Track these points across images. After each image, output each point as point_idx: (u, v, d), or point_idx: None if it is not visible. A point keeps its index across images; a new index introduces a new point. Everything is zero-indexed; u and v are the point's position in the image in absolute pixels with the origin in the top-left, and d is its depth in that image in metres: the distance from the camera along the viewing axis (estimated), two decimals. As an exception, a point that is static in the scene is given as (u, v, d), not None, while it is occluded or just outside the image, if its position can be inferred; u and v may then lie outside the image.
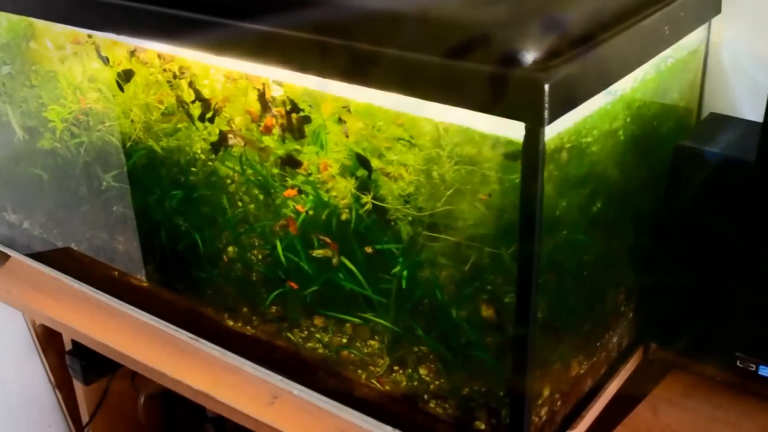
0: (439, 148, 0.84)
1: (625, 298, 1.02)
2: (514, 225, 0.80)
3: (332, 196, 0.93)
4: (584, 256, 0.90)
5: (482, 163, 0.81)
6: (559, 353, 0.90)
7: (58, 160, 1.21)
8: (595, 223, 0.90)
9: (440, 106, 0.76)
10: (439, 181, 0.85)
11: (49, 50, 1.13)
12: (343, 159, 0.91)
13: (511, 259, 0.82)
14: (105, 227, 1.21)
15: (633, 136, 0.92)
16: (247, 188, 1.02)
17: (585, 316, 0.95)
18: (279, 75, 0.90)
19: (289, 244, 1.00)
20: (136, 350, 1.13)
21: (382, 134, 0.87)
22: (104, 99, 1.11)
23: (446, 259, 0.87)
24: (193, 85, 0.99)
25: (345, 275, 0.97)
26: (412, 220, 0.88)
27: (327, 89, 0.89)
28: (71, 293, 1.25)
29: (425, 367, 0.95)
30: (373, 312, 0.97)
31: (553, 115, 0.71)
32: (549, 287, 0.84)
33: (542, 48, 0.74)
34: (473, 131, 0.80)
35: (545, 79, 0.69)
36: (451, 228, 0.86)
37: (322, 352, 1.02)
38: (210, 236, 1.08)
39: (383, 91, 0.81)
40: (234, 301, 1.10)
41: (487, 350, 0.89)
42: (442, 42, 0.75)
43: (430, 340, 0.93)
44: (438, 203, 0.86)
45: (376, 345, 0.99)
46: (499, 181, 0.81)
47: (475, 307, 0.87)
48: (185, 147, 1.06)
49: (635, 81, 0.89)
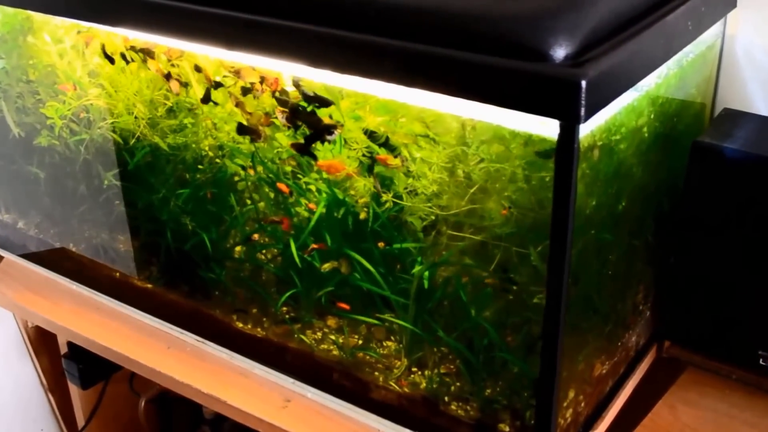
0: (465, 146, 0.82)
1: (643, 296, 1.01)
2: (543, 224, 0.78)
3: (349, 195, 0.91)
4: (610, 255, 0.89)
5: (511, 160, 0.79)
6: (585, 354, 0.89)
7: (55, 157, 1.17)
8: (620, 221, 0.89)
9: (464, 102, 0.74)
10: (464, 179, 0.83)
11: (48, 44, 1.10)
12: (360, 156, 0.89)
13: (540, 259, 0.80)
14: (106, 227, 1.17)
15: (655, 133, 0.90)
16: (258, 186, 0.99)
17: (609, 315, 0.93)
18: (295, 71, 0.88)
19: (302, 244, 0.98)
20: (140, 353, 1.10)
21: (402, 131, 0.84)
22: (106, 95, 1.07)
23: (471, 258, 0.85)
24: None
25: (362, 275, 0.94)
26: (436, 218, 0.86)
27: (346, 85, 0.86)
28: (69, 295, 1.22)
29: (446, 368, 0.93)
30: (390, 312, 0.95)
31: (589, 113, 0.69)
32: (577, 287, 0.82)
33: (575, 42, 0.72)
34: (503, 128, 0.78)
35: (582, 76, 0.67)
36: (476, 227, 0.84)
37: (337, 354, 1.00)
38: (218, 235, 1.06)
39: (407, 87, 0.79)
40: (243, 303, 1.07)
41: (511, 351, 0.87)
42: (471, 36, 0.73)
43: (451, 341, 0.91)
44: (462, 201, 0.84)
45: (393, 346, 0.97)
46: (529, 179, 0.79)
47: (500, 307, 0.86)
48: (192, 144, 1.03)
49: (659, 77, 0.88)
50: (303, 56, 0.82)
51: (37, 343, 1.44)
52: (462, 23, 0.74)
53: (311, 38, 0.80)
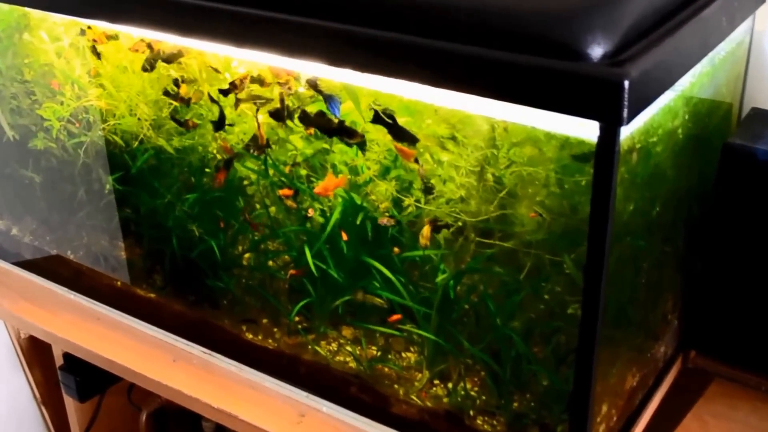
0: (494, 148, 0.77)
1: (671, 304, 0.97)
2: (577, 230, 0.74)
3: (369, 200, 0.87)
4: (643, 262, 0.85)
5: (544, 164, 0.75)
6: (617, 366, 0.85)
7: (52, 161, 1.12)
8: (654, 227, 0.85)
9: (493, 102, 0.69)
10: (493, 183, 0.79)
11: (45, 42, 1.05)
12: (382, 159, 0.85)
13: (575, 267, 0.76)
14: (106, 233, 1.12)
15: (688, 135, 0.87)
16: (270, 191, 0.95)
17: (640, 325, 0.90)
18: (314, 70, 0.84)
19: (317, 252, 0.93)
20: (145, 366, 1.05)
21: (428, 132, 0.80)
22: (107, 95, 1.02)
23: (500, 266, 0.81)
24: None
25: (381, 284, 0.90)
26: (463, 225, 0.81)
27: (367, 84, 0.82)
28: (67, 305, 1.16)
29: (470, 381, 0.89)
30: (411, 322, 0.90)
31: (631, 114, 0.65)
32: (612, 297, 0.78)
33: (613, 40, 0.68)
34: (537, 131, 0.74)
35: (625, 75, 0.63)
36: (506, 233, 0.80)
37: (354, 366, 0.96)
38: (227, 242, 1.01)
39: (435, 88, 0.74)
40: (253, 312, 1.02)
41: (542, 363, 0.83)
42: (504, 34, 0.69)
43: (477, 352, 0.87)
44: (491, 207, 0.79)
45: (414, 357, 0.93)
46: (563, 183, 0.75)
47: (531, 317, 0.82)
48: (199, 146, 0.99)
49: (693, 75, 0.84)
50: (322, 54, 0.78)
51: (30, 354, 1.38)
52: (494, 20, 0.70)
53: (332, 35, 0.75)
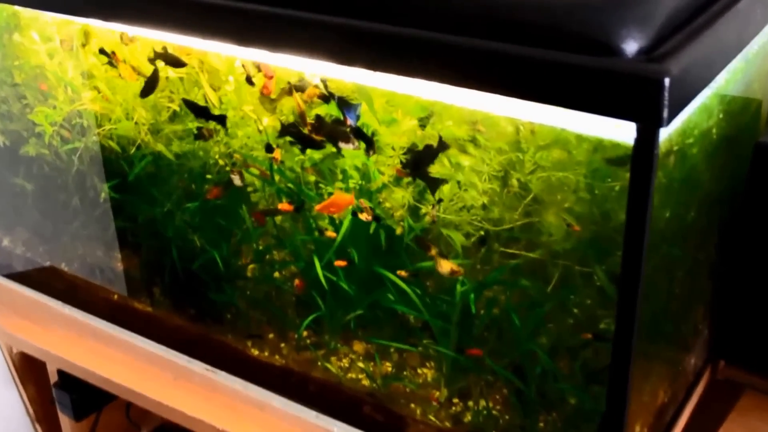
0: (520, 152, 0.72)
1: (702, 313, 0.92)
2: (608, 239, 0.69)
3: (383, 207, 0.82)
4: (678, 271, 0.80)
5: (573, 168, 0.70)
6: (651, 382, 0.80)
7: (45, 168, 1.07)
8: (687, 234, 0.80)
9: (515, 102, 0.64)
10: (518, 189, 0.73)
11: (36, 43, 0.99)
12: (397, 164, 0.79)
13: (607, 279, 0.71)
14: (102, 244, 1.07)
15: (721, 134, 0.82)
16: (276, 198, 0.90)
17: (673, 337, 0.84)
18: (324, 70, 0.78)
19: (326, 262, 0.88)
20: (144, 384, 1.00)
21: (447, 135, 0.75)
22: (102, 99, 0.97)
23: (526, 278, 0.76)
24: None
25: (396, 297, 0.85)
26: (485, 234, 0.76)
27: (380, 84, 0.77)
28: (61, 319, 1.11)
29: (492, 399, 0.83)
30: (427, 337, 0.85)
31: (671, 114, 0.60)
32: (646, 309, 0.73)
33: (649, 34, 0.63)
34: (568, 133, 0.68)
35: (665, 72, 0.58)
36: (531, 243, 0.75)
37: (367, 384, 0.90)
38: (230, 253, 0.95)
39: (456, 87, 0.69)
40: (258, 327, 0.97)
41: (571, 381, 0.78)
42: (532, 29, 0.63)
43: (501, 369, 0.81)
44: (516, 214, 0.74)
45: (430, 374, 0.88)
46: (594, 188, 0.70)
47: (559, 332, 0.76)
48: (200, 151, 0.93)
49: (727, 71, 0.79)
50: (331, 53, 0.72)
51: (23, 369, 1.33)
52: (520, 14, 0.65)
53: (341, 32, 0.70)
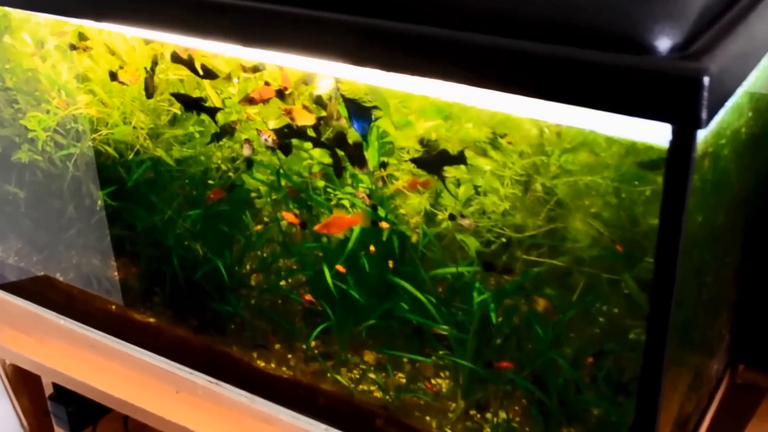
0: (544, 155, 0.69)
1: (726, 317, 0.89)
2: (638, 246, 0.66)
3: (398, 213, 0.78)
4: (707, 277, 0.77)
5: (600, 171, 0.67)
6: (679, 391, 0.76)
7: (38, 174, 1.03)
8: (717, 238, 0.76)
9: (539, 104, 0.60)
10: (542, 193, 0.70)
11: (27, 45, 0.95)
12: (414, 168, 0.76)
13: (637, 287, 0.68)
14: (99, 252, 1.03)
15: (750, 134, 0.79)
16: (283, 204, 0.86)
17: (700, 344, 0.81)
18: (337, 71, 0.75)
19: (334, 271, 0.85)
20: (144, 398, 0.96)
21: (466, 138, 0.72)
22: (98, 102, 0.93)
23: (550, 287, 0.73)
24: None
25: (410, 306, 0.81)
26: (507, 241, 0.73)
27: (395, 85, 0.73)
28: (57, 331, 1.07)
29: (512, 412, 0.80)
30: (443, 347, 0.82)
31: (710, 115, 0.57)
32: (677, 317, 0.70)
33: (682, 30, 0.59)
34: (597, 135, 0.65)
35: (703, 71, 0.55)
36: (555, 249, 0.71)
37: (380, 396, 0.87)
38: (234, 261, 0.92)
39: (476, 87, 0.65)
40: (264, 337, 0.93)
41: (596, 392, 0.75)
42: (558, 27, 0.60)
43: (521, 380, 0.78)
44: (539, 220, 0.71)
45: (445, 384, 0.84)
46: (623, 193, 0.67)
47: (584, 342, 0.73)
48: (201, 156, 0.89)
49: (757, 68, 0.76)
50: (345, 53, 0.68)
51: (17, 381, 1.28)
52: (545, 11, 0.61)
53: (357, 31, 0.66)
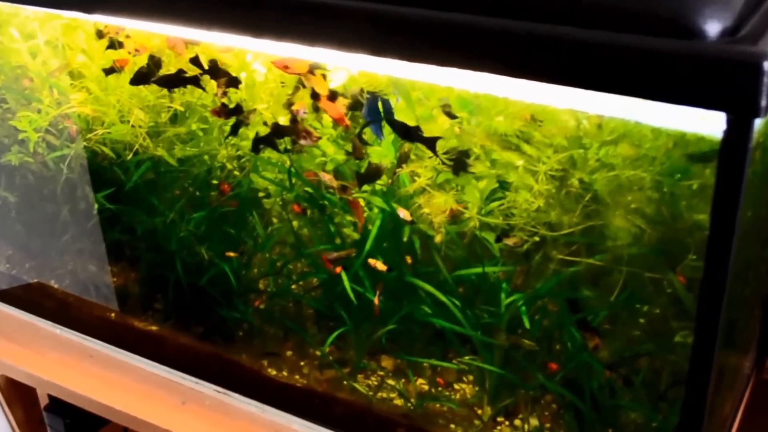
0: (582, 148, 0.65)
1: (757, 313, 0.86)
2: (688, 244, 0.62)
3: (423, 212, 0.74)
4: (748, 272, 0.73)
5: (646, 165, 0.63)
6: (721, 393, 0.73)
7: (29, 177, 0.97)
8: (758, 231, 0.73)
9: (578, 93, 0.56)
10: (580, 189, 0.66)
11: (17, 41, 0.89)
12: (439, 165, 0.72)
13: (683, 287, 0.64)
14: (95, 258, 0.98)
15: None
16: (292, 204, 0.82)
17: (739, 342, 0.78)
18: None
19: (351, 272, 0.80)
20: (149, 411, 0.91)
21: (496, 131, 0.68)
22: (93, 100, 0.88)
23: (588, 287, 0.69)
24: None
25: (433, 309, 0.77)
26: (541, 239, 0.69)
27: (418, 76, 0.69)
28: (53, 341, 1.02)
29: (544, 418, 0.77)
30: (467, 351, 0.78)
31: (770, 102, 0.53)
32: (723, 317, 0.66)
33: (732, 13, 0.56)
34: (642, 126, 0.61)
35: (762, 56, 0.51)
36: (593, 248, 0.68)
37: (400, 404, 0.83)
38: (242, 266, 0.87)
39: (513, 78, 0.61)
40: (276, 344, 0.89)
41: (635, 398, 0.71)
42: (601, 12, 0.56)
43: (554, 386, 0.74)
44: (575, 217, 0.67)
45: (469, 390, 0.81)
46: (668, 187, 0.63)
47: (625, 346, 0.70)
48: (205, 155, 0.85)
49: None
50: (365, 44, 0.64)
51: (10, 391, 1.23)
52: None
53: (378, 20, 0.62)
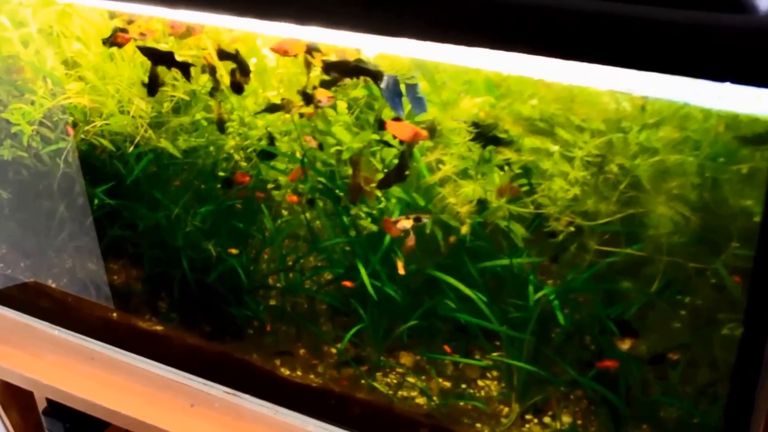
0: (622, 132, 0.61)
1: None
2: (739, 233, 0.59)
3: (448, 203, 0.70)
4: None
5: (693, 149, 0.59)
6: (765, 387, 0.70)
7: (23, 172, 0.92)
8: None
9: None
10: (620, 175, 0.62)
11: (6, 29, 0.84)
12: (464, 152, 0.68)
13: (730, 277, 0.61)
14: (94, 256, 0.93)
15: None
16: (308, 196, 0.78)
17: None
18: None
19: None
20: (155, 414, 0.87)
21: (529, 115, 0.64)
22: (90, 90, 0.83)
23: (627, 279, 0.65)
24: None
25: (457, 304, 0.74)
26: (576, 230, 0.65)
27: (443, 58, 0.65)
28: (51, 343, 0.97)
29: (576, 415, 0.73)
30: (495, 348, 0.75)
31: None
32: None
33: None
34: (691, 107, 0.57)
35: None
36: (636, 237, 0.64)
37: (422, 403, 0.79)
38: (251, 261, 0.83)
39: (548, 57, 0.57)
40: (288, 342, 0.85)
41: (676, 395, 0.68)
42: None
43: (588, 381, 0.71)
44: (612, 206, 0.63)
45: (494, 387, 0.77)
46: (721, 172, 0.59)
47: (667, 340, 0.66)
48: (212, 147, 0.80)
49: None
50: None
51: (6, 395, 1.18)
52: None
53: None
